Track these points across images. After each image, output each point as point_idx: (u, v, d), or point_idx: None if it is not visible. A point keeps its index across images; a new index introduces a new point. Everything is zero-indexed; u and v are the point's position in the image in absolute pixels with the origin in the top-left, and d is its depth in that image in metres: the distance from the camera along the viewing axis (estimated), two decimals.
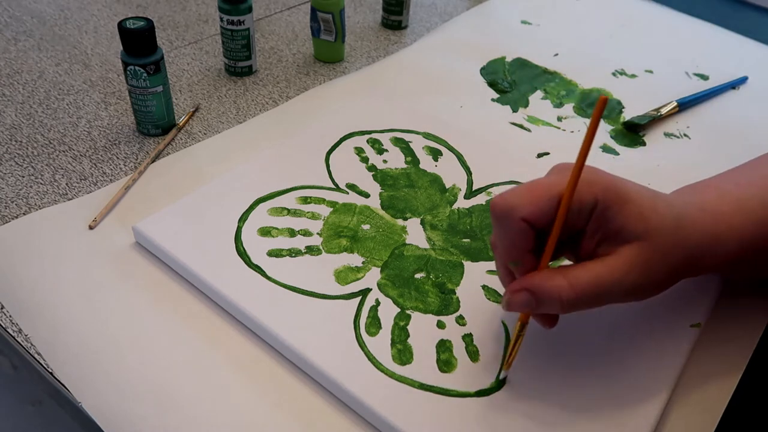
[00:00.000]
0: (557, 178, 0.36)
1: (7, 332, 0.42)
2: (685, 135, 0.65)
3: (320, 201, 0.51)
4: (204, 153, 0.57)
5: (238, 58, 0.67)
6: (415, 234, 0.49)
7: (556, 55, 0.77)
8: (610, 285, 0.36)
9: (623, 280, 0.36)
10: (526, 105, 0.68)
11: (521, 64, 0.74)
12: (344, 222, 0.49)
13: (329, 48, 0.71)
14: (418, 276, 0.45)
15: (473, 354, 0.41)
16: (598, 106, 0.32)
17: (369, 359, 0.40)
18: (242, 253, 0.45)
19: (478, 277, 0.46)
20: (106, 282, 0.45)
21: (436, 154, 0.57)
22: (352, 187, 0.53)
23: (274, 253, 0.46)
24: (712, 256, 0.39)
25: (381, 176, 0.54)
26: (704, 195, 0.42)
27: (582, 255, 0.38)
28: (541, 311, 0.36)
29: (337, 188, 0.52)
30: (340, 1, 0.68)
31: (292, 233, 0.48)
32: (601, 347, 0.42)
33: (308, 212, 0.50)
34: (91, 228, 0.49)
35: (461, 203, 0.52)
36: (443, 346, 0.41)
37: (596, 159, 0.61)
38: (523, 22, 0.84)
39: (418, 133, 0.59)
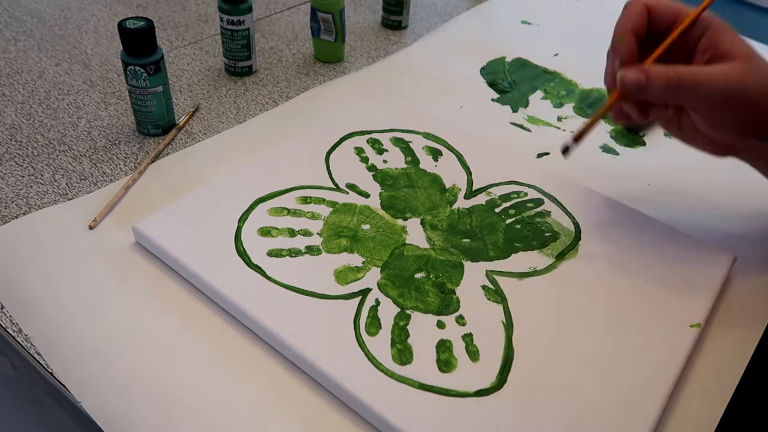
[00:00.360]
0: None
1: (7, 332, 0.42)
2: None
3: (320, 201, 0.51)
4: (204, 153, 0.57)
5: (238, 58, 0.67)
6: (415, 234, 0.49)
7: (556, 55, 0.77)
8: (710, 78, 0.41)
9: (722, 80, 0.41)
10: (526, 105, 0.68)
11: (521, 64, 0.74)
12: (344, 222, 0.49)
13: (329, 48, 0.71)
14: (418, 276, 0.45)
15: (473, 354, 0.41)
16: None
17: (369, 359, 0.40)
18: (242, 253, 0.45)
19: (478, 277, 0.46)
20: (106, 282, 0.45)
21: (436, 154, 0.57)
22: (352, 187, 0.53)
23: (274, 253, 0.46)
24: None
25: (381, 176, 0.54)
26: None
27: None
28: (647, 91, 0.42)
29: (337, 188, 0.52)
30: (340, 1, 0.68)
31: (292, 233, 0.48)
32: (601, 347, 0.42)
33: (308, 212, 0.50)
34: (91, 228, 0.49)
35: (461, 203, 0.52)
36: (443, 346, 0.41)
37: (596, 159, 0.61)
38: (523, 22, 0.84)
39: (418, 133, 0.59)
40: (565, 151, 0.43)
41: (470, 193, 0.53)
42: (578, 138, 0.43)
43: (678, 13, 0.44)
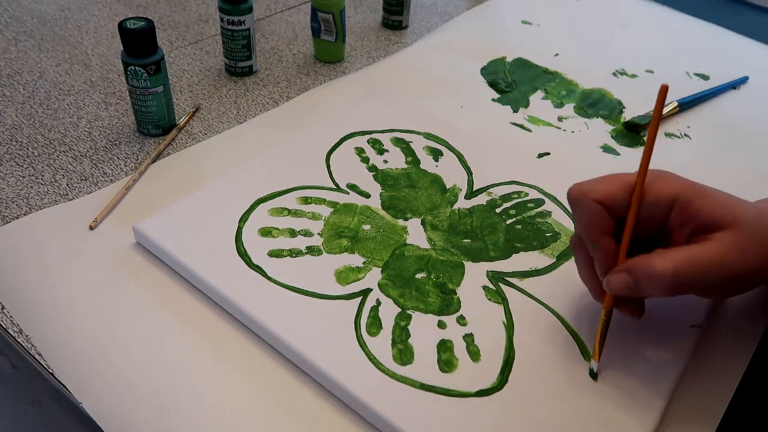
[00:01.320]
0: (631, 174, 0.38)
1: (7, 332, 0.42)
2: (685, 135, 0.65)
3: (321, 201, 0.51)
4: (204, 153, 0.57)
5: (239, 58, 0.67)
6: (415, 234, 0.49)
7: (557, 55, 0.77)
8: (708, 265, 0.36)
9: (721, 262, 0.36)
10: (526, 105, 0.68)
11: (521, 64, 0.74)
12: (345, 222, 0.49)
13: (329, 48, 0.71)
14: (418, 276, 0.45)
15: (474, 354, 0.41)
16: (660, 95, 0.36)
17: (370, 359, 0.39)
18: (243, 254, 0.45)
19: (478, 278, 0.46)
20: (106, 282, 0.45)
21: (436, 155, 0.57)
22: (352, 187, 0.53)
23: (275, 254, 0.46)
24: None
25: (381, 176, 0.54)
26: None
27: None
28: (640, 293, 0.37)
29: (338, 188, 0.52)
30: (341, 1, 0.68)
31: (292, 233, 0.48)
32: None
33: (309, 212, 0.50)
34: (91, 228, 0.49)
35: (462, 203, 0.52)
36: (444, 346, 0.41)
37: (596, 159, 0.61)
38: (524, 22, 0.84)
39: (418, 133, 0.59)
40: (594, 375, 0.40)
41: (471, 194, 0.53)
42: (598, 356, 0.40)
43: (632, 184, 0.38)
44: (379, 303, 0.43)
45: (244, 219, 0.48)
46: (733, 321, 0.46)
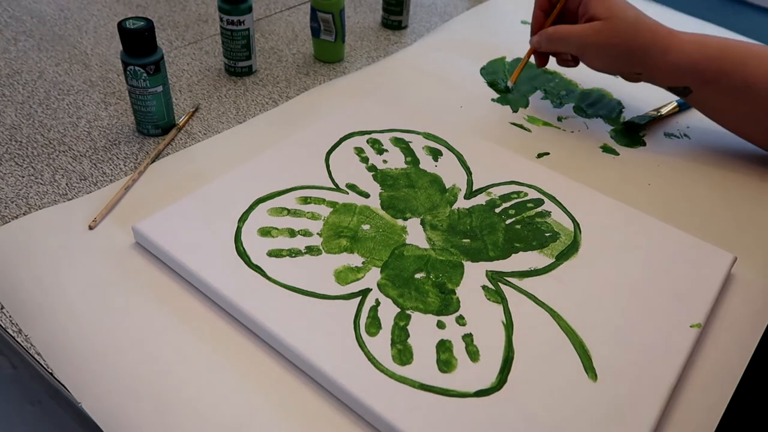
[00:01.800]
0: None
1: (7, 332, 0.42)
2: (685, 135, 0.65)
3: (320, 201, 0.51)
4: (204, 153, 0.57)
5: (238, 58, 0.67)
6: (415, 234, 0.49)
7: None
8: (575, 35, 0.60)
9: (583, 34, 0.59)
10: (526, 105, 0.68)
11: None
12: (344, 222, 0.49)
13: (329, 48, 0.71)
14: (418, 276, 0.45)
15: (473, 354, 0.41)
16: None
17: (369, 359, 0.39)
18: (242, 254, 0.45)
19: (478, 278, 0.46)
20: (106, 282, 0.45)
21: (436, 154, 0.57)
22: (352, 187, 0.53)
23: (274, 254, 0.46)
24: (659, 61, 0.58)
25: (381, 176, 0.54)
26: (675, 30, 0.60)
27: None
28: (543, 47, 0.63)
29: (337, 188, 0.52)
30: (340, 1, 0.68)
31: (292, 233, 0.48)
32: (601, 347, 0.42)
33: (308, 212, 0.50)
34: (91, 228, 0.49)
35: (461, 203, 0.52)
36: (443, 346, 0.41)
37: (595, 159, 0.61)
38: (523, 22, 0.84)
39: (418, 133, 0.59)
40: (506, 89, 0.56)
41: (470, 194, 0.53)
42: (515, 79, 0.67)
43: None
44: (378, 303, 0.43)
45: (243, 219, 0.48)
46: (732, 321, 0.46)
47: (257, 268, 0.44)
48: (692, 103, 0.61)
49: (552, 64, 0.75)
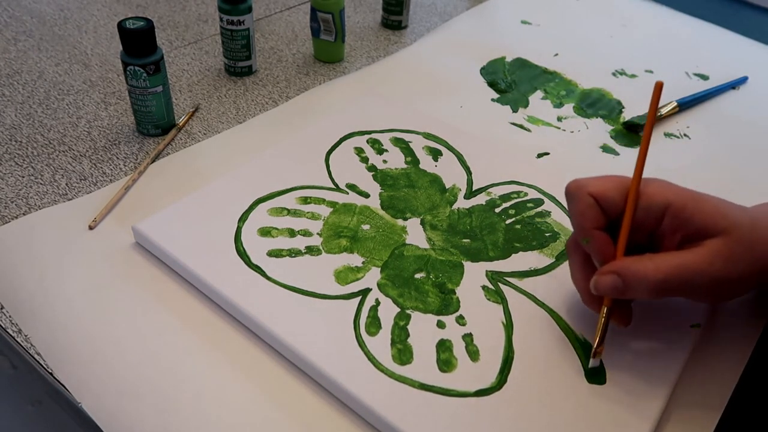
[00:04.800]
0: (626, 177, 0.40)
1: (7, 332, 0.42)
2: (685, 135, 0.65)
3: (320, 201, 0.51)
4: (204, 153, 0.57)
5: (238, 58, 0.67)
6: (415, 234, 0.49)
7: (556, 55, 0.77)
8: (695, 271, 0.37)
9: (709, 269, 0.37)
10: (526, 105, 0.68)
11: (521, 64, 0.74)
12: (344, 222, 0.49)
13: (329, 48, 0.71)
14: (418, 276, 0.45)
15: (473, 354, 0.41)
16: (655, 92, 0.38)
17: (369, 359, 0.39)
18: (242, 254, 0.45)
19: (478, 277, 0.46)
20: (106, 282, 0.45)
21: (436, 154, 0.57)
22: (352, 187, 0.53)
23: (274, 254, 0.46)
24: None
25: (381, 176, 0.54)
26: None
27: None
28: (628, 295, 0.38)
29: (337, 188, 0.52)
30: (340, 1, 0.68)
31: (292, 233, 0.48)
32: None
33: (308, 212, 0.50)
34: (91, 228, 0.49)
35: (461, 203, 0.52)
36: (443, 346, 0.41)
37: (595, 159, 0.61)
38: (523, 22, 0.84)
39: (418, 133, 0.59)
40: (595, 372, 0.40)
41: (470, 193, 0.53)
42: (596, 354, 0.39)
43: (627, 191, 0.39)
44: (378, 303, 0.43)
45: (243, 219, 0.48)
46: (732, 321, 0.46)
47: (257, 268, 0.44)
48: None
49: (552, 63, 0.75)
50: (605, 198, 0.39)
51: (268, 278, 0.44)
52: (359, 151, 0.56)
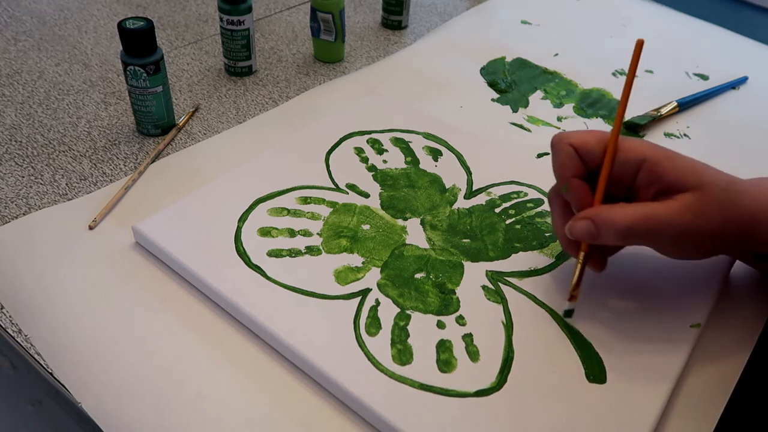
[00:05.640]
0: (607, 132, 0.42)
1: (7, 332, 0.42)
2: (685, 135, 0.65)
3: (320, 201, 0.51)
4: (204, 153, 0.57)
5: (238, 58, 0.67)
6: (415, 234, 0.49)
7: (556, 55, 0.77)
8: (663, 221, 0.38)
9: (677, 219, 0.38)
10: (526, 105, 0.68)
11: (521, 64, 0.74)
12: (344, 222, 0.49)
13: (329, 48, 0.71)
14: (418, 276, 0.45)
15: (473, 354, 0.41)
16: (636, 48, 0.40)
17: (369, 359, 0.39)
18: (242, 254, 0.45)
19: (478, 278, 0.46)
20: (106, 282, 0.45)
21: (436, 154, 0.57)
22: (352, 187, 0.53)
23: (274, 254, 0.46)
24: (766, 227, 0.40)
25: (381, 176, 0.54)
26: (758, 179, 0.43)
27: None
28: (600, 240, 0.40)
29: (337, 188, 0.52)
30: (340, 1, 0.68)
31: (292, 233, 0.48)
32: (601, 347, 0.42)
33: (308, 212, 0.50)
34: (91, 228, 0.49)
35: (461, 203, 0.52)
36: (443, 346, 0.41)
37: None
38: (523, 22, 0.84)
39: (418, 133, 0.59)
40: (569, 314, 0.42)
41: (470, 193, 0.53)
42: (572, 297, 0.42)
43: (606, 144, 0.41)
44: (378, 303, 0.43)
45: (243, 219, 0.48)
46: (732, 321, 0.46)
47: (257, 268, 0.44)
48: None
49: (552, 63, 0.75)
50: (585, 149, 0.41)
51: (268, 278, 0.44)
52: (359, 151, 0.56)
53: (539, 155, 0.60)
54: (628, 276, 0.46)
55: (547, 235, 0.50)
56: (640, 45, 0.40)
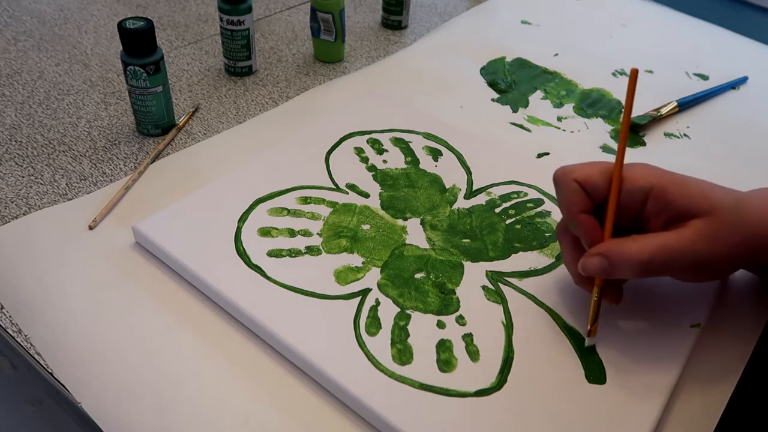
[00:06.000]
0: (611, 163, 0.41)
1: (7, 332, 0.42)
2: (685, 135, 0.65)
3: (320, 201, 0.51)
4: (204, 153, 0.57)
5: (238, 58, 0.67)
6: (415, 234, 0.49)
7: (556, 55, 0.77)
8: (678, 251, 0.38)
9: (692, 248, 0.38)
10: (526, 105, 0.68)
11: (521, 64, 0.74)
12: (344, 222, 0.49)
13: (329, 48, 0.71)
14: (418, 276, 0.45)
15: (473, 354, 0.41)
16: (631, 78, 0.39)
17: (369, 359, 0.39)
18: (242, 254, 0.45)
19: (478, 277, 0.46)
20: (106, 282, 0.45)
21: (436, 154, 0.57)
22: (352, 187, 0.53)
23: (274, 254, 0.46)
24: None
25: (381, 176, 0.54)
26: (758, 191, 0.43)
27: None
28: (614, 275, 0.39)
29: (337, 188, 0.52)
30: (340, 1, 0.68)
31: (292, 233, 0.48)
32: (601, 347, 0.42)
33: (308, 212, 0.50)
34: (91, 228, 0.49)
35: (461, 203, 0.52)
36: (443, 346, 0.41)
37: (595, 159, 0.60)
38: (523, 22, 0.84)
39: (418, 133, 0.59)
40: (591, 350, 0.41)
41: (470, 193, 0.53)
42: (591, 333, 0.41)
43: (611, 176, 0.40)
44: (378, 303, 0.43)
45: (243, 219, 0.48)
46: (732, 321, 0.46)
47: (257, 268, 0.44)
48: None
49: (552, 63, 0.75)
50: (590, 183, 0.40)
51: (268, 278, 0.44)
52: (359, 151, 0.56)
53: (539, 155, 0.60)
54: None
55: (547, 235, 0.50)
56: (634, 74, 0.39)
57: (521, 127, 0.64)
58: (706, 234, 0.38)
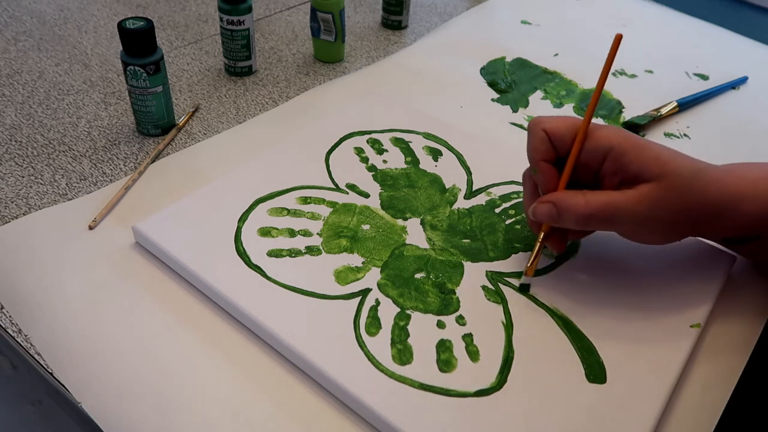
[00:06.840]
0: (581, 119, 0.43)
1: (7, 332, 0.42)
2: (685, 135, 0.65)
3: (320, 201, 0.51)
4: (204, 153, 0.57)
5: (238, 58, 0.67)
6: (415, 234, 0.49)
7: (556, 55, 0.77)
8: (621, 210, 0.40)
9: (634, 209, 0.40)
10: (526, 105, 0.68)
11: (521, 64, 0.74)
12: (344, 222, 0.49)
13: (329, 48, 0.71)
14: (418, 276, 0.45)
15: (473, 354, 0.41)
16: (614, 43, 0.43)
17: (369, 359, 0.39)
18: (242, 254, 0.45)
19: (478, 278, 0.46)
20: (106, 282, 0.45)
21: (436, 154, 0.57)
22: (352, 187, 0.53)
23: (274, 254, 0.46)
24: (733, 215, 0.42)
25: (381, 176, 0.54)
26: (731, 164, 0.44)
27: None
28: (560, 224, 0.42)
29: (337, 188, 0.52)
30: (340, 1, 0.68)
31: (292, 233, 0.48)
32: (601, 347, 0.42)
33: (308, 212, 0.50)
34: (91, 228, 0.49)
35: (461, 203, 0.52)
36: (443, 346, 0.41)
37: None
38: (523, 22, 0.84)
39: (418, 133, 0.59)
40: (525, 288, 0.45)
41: (470, 194, 0.53)
42: (528, 271, 0.44)
43: (577, 132, 0.42)
44: (378, 303, 0.43)
45: (243, 219, 0.48)
46: (732, 321, 0.46)
47: (257, 268, 0.44)
48: (746, 254, 0.48)
49: (552, 63, 0.75)
50: (557, 135, 0.43)
51: (268, 278, 0.44)
52: (359, 151, 0.56)
53: None
54: (628, 276, 0.46)
55: None
56: (618, 39, 0.43)
57: (521, 127, 0.64)
58: (649, 197, 0.40)
